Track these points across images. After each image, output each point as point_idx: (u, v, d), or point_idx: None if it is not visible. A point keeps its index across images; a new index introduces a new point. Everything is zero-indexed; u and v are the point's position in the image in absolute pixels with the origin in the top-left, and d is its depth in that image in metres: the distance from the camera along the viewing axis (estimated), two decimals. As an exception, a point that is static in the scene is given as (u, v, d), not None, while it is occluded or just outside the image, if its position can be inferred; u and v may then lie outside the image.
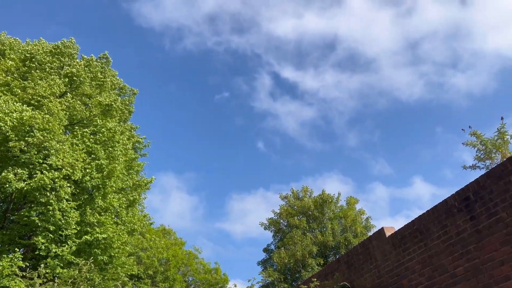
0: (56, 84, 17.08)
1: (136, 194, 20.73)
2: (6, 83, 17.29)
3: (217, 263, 37.98)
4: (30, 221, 14.07)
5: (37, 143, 14.27)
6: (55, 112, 15.78)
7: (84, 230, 15.67)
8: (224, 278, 36.29)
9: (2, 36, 21.00)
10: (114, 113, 19.52)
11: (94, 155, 16.82)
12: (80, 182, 16.01)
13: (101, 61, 21.71)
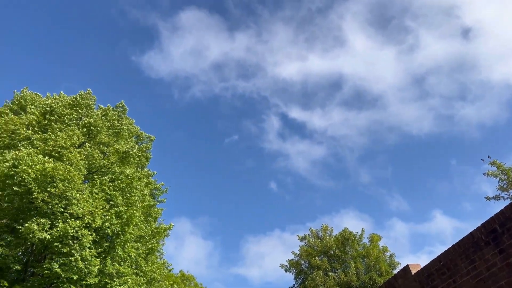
0: (75, 134, 17.60)
1: (154, 241, 20.66)
2: (28, 137, 17.90)
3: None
4: (52, 273, 14.05)
5: (59, 193, 14.54)
6: (75, 162, 16.16)
7: (104, 281, 15.57)
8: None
9: (24, 92, 21.99)
10: (131, 160, 19.85)
11: (113, 201, 17.01)
12: (100, 229, 16.10)
13: (118, 110, 22.38)
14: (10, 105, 21.12)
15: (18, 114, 19.91)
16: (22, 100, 21.27)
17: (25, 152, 15.08)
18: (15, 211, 15.11)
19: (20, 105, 20.94)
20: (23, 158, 14.70)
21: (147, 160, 23.55)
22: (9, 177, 14.62)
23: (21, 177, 14.27)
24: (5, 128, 18.47)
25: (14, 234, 14.72)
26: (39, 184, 14.48)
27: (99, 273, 15.41)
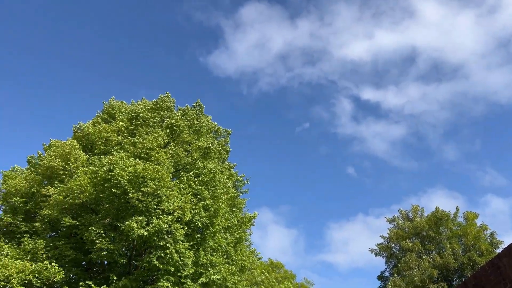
0: (160, 136, 18.75)
1: (241, 231, 21.36)
2: (119, 142, 19.48)
3: (330, 294, 36.75)
4: (152, 266, 15.24)
5: (150, 191, 15.65)
6: (162, 161, 17.25)
7: (199, 272, 16.51)
8: (340, 309, 34.80)
9: (111, 101, 23.92)
10: (212, 154, 20.67)
11: (200, 196, 17.90)
12: (190, 223, 17.06)
13: (195, 109, 23.36)
14: (101, 115, 23.12)
15: (108, 122, 21.75)
16: (110, 109, 23.17)
17: (118, 157, 16.43)
18: (115, 211, 16.59)
19: (109, 114, 22.84)
20: (117, 162, 16.04)
21: (227, 153, 24.32)
22: (106, 180, 16.06)
23: (116, 180, 15.60)
24: (100, 136, 20.29)
25: (117, 231, 16.18)
26: (132, 185, 15.71)
27: (194, 264, 16.37)
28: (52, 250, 16.73)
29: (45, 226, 17.83)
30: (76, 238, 17.84)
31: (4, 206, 19.38)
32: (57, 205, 16.88)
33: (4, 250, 16.55)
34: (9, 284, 14.77)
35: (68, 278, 16.53)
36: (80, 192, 16.69)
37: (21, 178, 18.89)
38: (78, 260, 17.46)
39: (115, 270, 16.67)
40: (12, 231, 18.36)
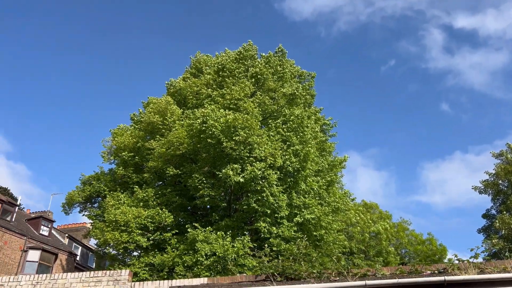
0: (246, 86, 19.08)
1: (332, 174, 21.43)
2: (208, 95, 20.27)
3: (430, 233, 35.80)
4: (250, 208, 16.21)
5: (242, 140, 16.28)
6: (251, 110, 17.66)
7: (294, 213, 17.16)
8: (441, 248, 33.92)
9: (198, 56, 24.69)
10: (298, 100, 20.56)
11: (289, 142, 18.17)
12: (282, 168, 17.55)
13: (278, 55, 23.10)
14: (190, 70, 24.09)
15: (197, 76, 22.62)
16: (197, 63, 23.98)
17: (210, 109, 17.20)
18: (212, 159, 17.66)
19: (197, 68, 23.69)
20: (209, 114, 16.82)
21: (312, 97, 24.00)
22: (201, 131, 17.03)
23: (210, 131, 16.45)
24: (190, 91, 21.30)
25: (215, 178, 17.32)
26: (225, 135, 16.46)
27: (288, 206, 17.02)
28: (160, 197, 18.60)
29: (152, 176, 19.75)
30: (180, 186, 19.52)
31: (116, 160, 21.79)
32: (160, 156, 18.47)
33: (121, 199, 18.82)
34: (128, 228, 16.90)
35: (177, 221, 18.36)
36: (179, 144, 17.99)
37: (127, 134, 20.88)
38: (184, 205, 19.20)
39: (217, 213, 18.05)
40: (125, 182, 20.71)
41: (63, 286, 9.07)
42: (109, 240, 17.02)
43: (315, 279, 8.47)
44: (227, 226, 16.41)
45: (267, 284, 8.38)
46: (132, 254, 18.52)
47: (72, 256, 30.62)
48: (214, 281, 8.55)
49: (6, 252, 25.18)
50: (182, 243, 16.54)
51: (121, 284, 8.91)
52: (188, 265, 15.12)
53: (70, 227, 36.95)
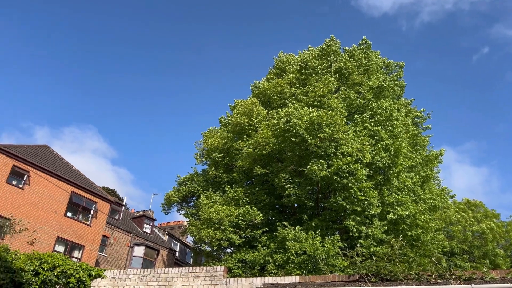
0: (329, 82, 18.73)
1: (427, 169, 20.10)
2: (292, 94, 20.30)
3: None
4: (338, 206, 15.88)
5: (327, 137, 16.02)
6: (335, 106, 17.30)
7: (386, 210, 16.42)
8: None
9: (280, 56, 24.88)
10: (386, 92, 19.65)
11: (377, 136, 17.43)
12: (371, 164, 16.91)
13: (362, 48, 22.30)
14: (273, 70, 24.38)
15: (280, 76, 22.81)
16: (280, 63, 24.17)
17: (293, 108, 17.21)
18: (297, 158, 17.65)
19: (280, 68, 23.88)
20: (292, 113, 16.84)
21: (402, 88, 22.75)
22: (286, 131, 17.11)
23: (294, 129, 16.45)
24: (274, 91, 21.55)
25: (301, 176, 17.28)
26: (309, 132, 16.33)
27: (380, 204, 16.33)
28: (250, 196, 19.09)
29: (241, 176, 20.37)
30: (268, 185, 19.85)
31: (208, 161, 22.89)
32: (248, 156, 18.97)
33: (213, 198, 19.71)
34: (221, 225, 17.62)
35: (266, 219, 18.69)
36: (265, 144, 18.30)
37: (217, 136, 21.82)
38: (273, 204, 19.47)
39: (305, 211, 17.99)
40: (217, 181, 21.66)
41: (165, 280, 9.76)
42: (204, 237, 17.91)
43: (413, 281, 8.01)
44: (316, 226, 16.27)
45: (361, 284, 8.12)
46: (225, 251, 19.29)
47: (172, 252, 32.87)
48: (306, 279, 8.52)
49: (115, 248, 27.91)
50: (272, 241, 16.78)
51: (217, 280, 9.32)
52: (279, 263, 15.29)
53: (169, 225, 39.69)
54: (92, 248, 23.07)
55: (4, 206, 19.20)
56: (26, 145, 22.85)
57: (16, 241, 18.27)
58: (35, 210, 20.68)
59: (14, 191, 20.10)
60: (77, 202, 22.98)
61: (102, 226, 24.25)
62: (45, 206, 21.24)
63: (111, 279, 10.29)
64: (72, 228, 22.26)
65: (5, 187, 19.79)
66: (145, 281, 9.92)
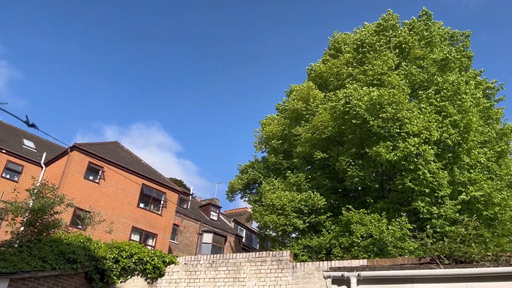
0: (389, 58, 17.93)
1: (503, 143, 18.69)
2: (350, 74, 19.73)
3: None
4: (405, 188, 15.30)
5: (390, 116, 15.42)
6: (396, 84, 16.56)
7: (457, 190, 15.55)
8: None
9: (335, 35, 24.21)
10: (451, 65, 18.44)
11: (445, 112, 16.48)
12: (439, 142, 16.06)
13: (422, 19, 21.04)
14: (328, 51, 23.83)
15: (336, 57, 22.24)
16: (336, 43, 23.54)
17: (352, 88, 16.73)
18: (358, 140, 17.20)
19: (335, 49, 23.27)
20: (351, 94, 16.39)
21: (469, 59, 21.19)
22: (345, 113, 16.71)
23: (354, 111, 16.01)
24: (331, 72, 21.08)
25: (364, 159, 16.85)
26: (371, 113, 15.81)
27: (450, 183, 15.50)
28: (311, 181, 19.01)
29: (301, 161, 20.32)
30: (329, 169, 19.61)
31: (267, 148, 23.10)
32: (307, 141, 18.84)
33: (275, 184, 19.90)
34: (285, 211, 17.76)
35: (329, 204, 18.53)
36: (324, 128, 18.05)
37: (274, 124, 21.90)
38: (335, 188, 19.24)
39: (370, 194, 17.56)
40: (277, 168, 21.82)
41: (234, 265, 10.09)
42: (268, 222, 18.18)
43: (490, 262, 7.56)
44: (382, 208, 15.82)
45: (433, 267, 7.82)
46: (290, 236, 19.46)
47: (238, 238, 33.81)
48: (374, 263, 8.37)
49: (186, 235, 29.28)
50: (337, 225, 16.62)
51: (283, 264, 9.47)
52: (344, 247, 15.14)
53: (234, 212, 40.77)
54: (164, 236, 24.38)
55: (83, 200, 20.86)
56: (99, 143, 24.55)
57: (96, 231, 19.80)
58: (111, 202, 22.24)
59: (91, 186, 21.75)
60: (148, 194, 24.34)
61: (172, 215, 25.50)
62: (120, 198, 22.75)
63: (184, 265, 10.84)
64: (145, 218, 23.66)
65: (83, 182, 21.48)
66: (215, 266, 10.33)
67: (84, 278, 10.96)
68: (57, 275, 10.27)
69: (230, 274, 10.01)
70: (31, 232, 12.60)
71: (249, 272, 9.77)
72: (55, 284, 10.26)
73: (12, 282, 9.27)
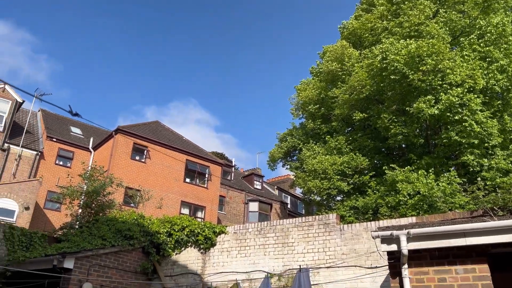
0: (425, 7, 16.94)
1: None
2: (385, 28, 18.87)
3: None
4: (451, 142, 14.76)
5: (430, 68, 14.73)
6: (435, 33, 15.70)
7: (509, 139, 14.82)
8: None
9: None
10: (495, 5, 17.17)
11: (489, 58, 15.54)
12: (485, 90, 15.25)
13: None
14: (361, 6, 22.78)
15: (369, 11, 21.25)
16: (367, -3, 22.45)
17: (388, 43, 16.04)
18: (399, 96, 16.63)
19: (368, 2, 22.19)
20: (388, 48, 15.73)
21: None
22: (383, 69, 16.12)
23: (392, 66, 15.40)
24: (365, 28, 20.24)
25: (406, 115, 16.32)
26: (410, 67, 15.16)
27: (501, 132, 14.77)
28: (352, 143, 18.74)
29: (340, 124, 20.00)
30: (370, 129, 19.21)
31: (304, 114, 22.88)
32: (345, 103, 18.46)
33: (315, 149, 19.81)
34: (327, 175, 17.72)
35: (372, 164, 18.26)
36: (361, 87, 17.56)
37: (309, 88, 21.55)
38: (378, 148, 18.88)
39: (414, 151, 17.10)
40: (316, 133, 21.63)
41: (282, 230, 10.30)
42: (312, 187, 18.26)
43: (548, 211, 7.23)
44: (428, 164, 15.39)
45: (486, 219, 7.60)
46: (335, 199, 19.50)
47: (284, 204, 34.30)
48: (423, 219, 8.26)
49: (232, 206, 30.08)
50: (382, 185, 16.42)
51: (330, 227, 9.55)
52: (391, 206, 14.99)
53: (277, 180, 41.20)
54: (212, 207, 25.17)
55: (132, 179, 21.80)
56: (141, 124, 25.31)
57: (148, 208, 20.75)
58: (158, 180, 23.11)
59: (138, 166, 22.64)
60: (192, 169, 25.04)
61: (217, 187, 26.18)
62: (166, 175, 23.58)
63: (233, 234, 11.20)
64: (192, 192, 24.46)
65: (130, 163, 22.38)
66: (264, 233, 10.59)
67: (142, 252, 11.61)
68: (116, 251, 10.95)
69: (278, 240, 10.24)
70: (88, 214, 13.44)
71: (297, 237, 9.95)
72: (116, 260, 10.96)
73: (78, 260, 9.99)
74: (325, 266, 9.11)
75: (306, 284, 5.93)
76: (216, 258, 11.13)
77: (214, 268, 11.01)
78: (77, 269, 9.90)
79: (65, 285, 9.73)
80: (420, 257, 5.09)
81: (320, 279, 9.01)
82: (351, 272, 8.63)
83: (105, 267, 10.61)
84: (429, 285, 4.92)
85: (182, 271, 11.42)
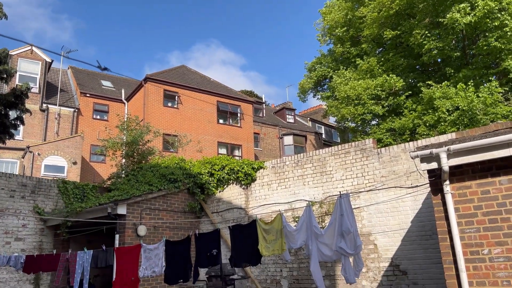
0: None
1: None
2: None
3: None
4: (491, 49, 13.87)
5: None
6: None
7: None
8: None
9: None
10: None
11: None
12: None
13: None
14: None
15: None
16: None
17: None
18: (432, 8, 15.53)
19: None
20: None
21: None
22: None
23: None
24: None
25: (440, 27, 15.33)
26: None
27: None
28: (385, 64, 18.02)
29: (371, 45, 19.13)
30: (403, 47, 18.29)
31: (332, 39, 21.97)
32: (374, 22, 17.50)
33: (346, 75, 19.24)
34: (361, 100, 17.35)
35: (407, 83, 17.63)
36: (390, 2, 16.49)
37: (335, 10, 20.46)
38: (412, 66, 18.09)
39: (451, 64, 16.28)
40: (346, 58, 20.87)
41: (318, 160, 10.41)
42: (346, 115, 18.03)
43: None
44: (466, 77, 14.67)
45: (531, 128, 7.31)
46: (370, 124, 19.24)
47: (318, 135, 34.32)
48: (464, 134, 8.04)
49: (267, 141, 30.44)
50: (419, 103, 15.94)
51: (368, 152, 9.53)
52: (430, 124, 14.64)
53: (309, 111, 40.88)
54: (248, 145, 25.60)
55: (168, 126, 22.32)
56: (168, 70, 25.32)
57: (187, 152, 21.38)
58: (193, 123, 23.54)
59: (171, 112, 23.02)
60: (224, 109, 25.21)
61: (250, 125, 26.40)
62: (199, 118, 23.93)
63: (271, 168, 11.45)
64: (227, 132, 24.85)
65: (164, 110, 22.78)
66: (301, 165, 10.76)
67: (187, 193, 12.19)
68: (164, 195, 11.55)
69: (316, 169, 10.38)
70: (132, 162, 14.05)
71: (334, 165, 10.04)
72: (164, 202, 11.60)
73: (129, 206, 10.65)
74: (365, 190, 9.23)
75: (348, 208, 6.07)
76: (258, 192, 11.52)
77: (257, 201, 11.44)
78: (130, 214, 10.59)
79: (121, 230, 10.50)
80: (462, 172, 5.02)
81: (361, 202, 9.19)
82: (391, 193, 8.72)
83: (155, 210, 11.28)
84: (472, 198, 4.89)
85: (227, 207, 11.97)
